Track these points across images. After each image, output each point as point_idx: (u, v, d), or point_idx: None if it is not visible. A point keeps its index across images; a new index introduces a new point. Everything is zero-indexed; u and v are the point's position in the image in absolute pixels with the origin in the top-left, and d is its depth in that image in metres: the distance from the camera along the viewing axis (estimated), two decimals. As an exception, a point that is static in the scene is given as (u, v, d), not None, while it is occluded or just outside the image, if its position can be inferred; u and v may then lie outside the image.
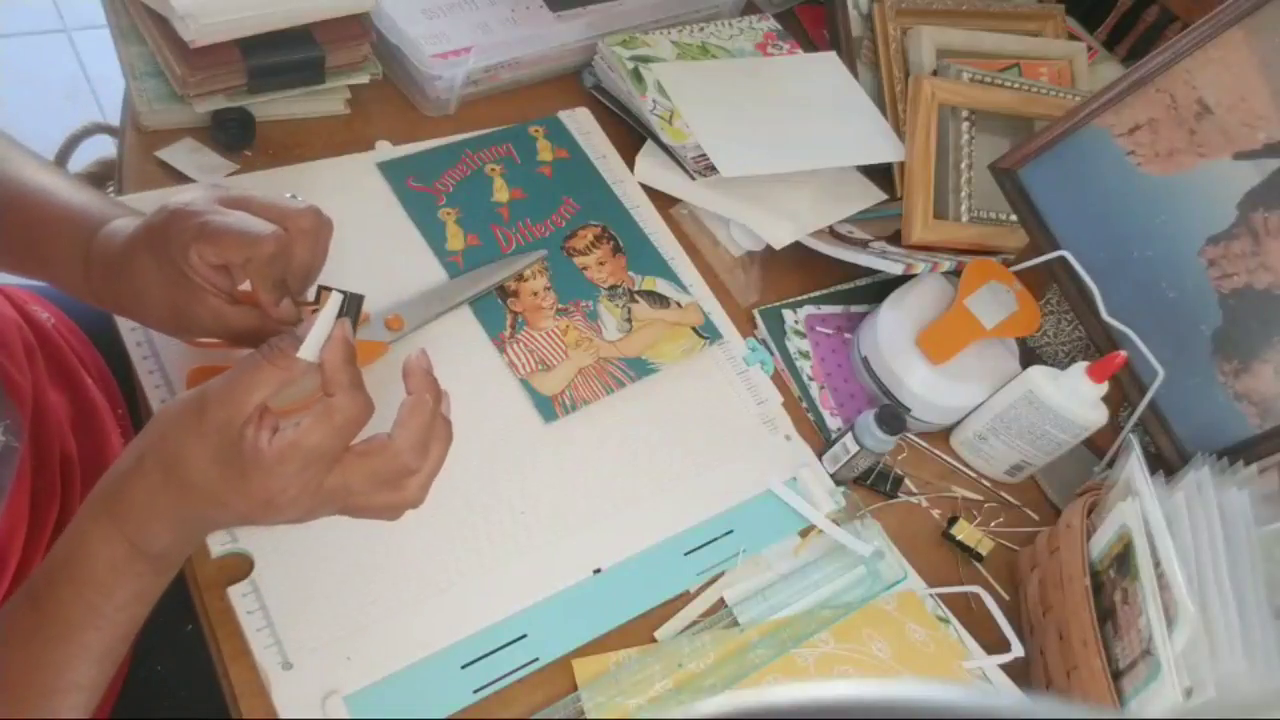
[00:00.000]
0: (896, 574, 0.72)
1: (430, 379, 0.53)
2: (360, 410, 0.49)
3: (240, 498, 0.47)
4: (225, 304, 0.54)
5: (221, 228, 0.51)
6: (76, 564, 0.49)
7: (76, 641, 0.49)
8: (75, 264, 0.56)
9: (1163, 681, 0.59)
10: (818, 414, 0.80)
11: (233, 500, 0.48)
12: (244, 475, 0.47)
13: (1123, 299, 0.79)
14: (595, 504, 0.69)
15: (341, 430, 0.49)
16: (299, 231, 0.53)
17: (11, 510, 0.57)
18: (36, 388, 0.63)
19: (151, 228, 0.53)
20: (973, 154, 0.91)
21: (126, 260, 0.54)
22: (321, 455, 0.48)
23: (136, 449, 0.49)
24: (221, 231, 0.51)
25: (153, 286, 0.54)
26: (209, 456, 0.47)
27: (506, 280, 0.77)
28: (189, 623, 0.60)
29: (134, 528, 0.48)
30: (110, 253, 0.55)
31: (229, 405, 0.47)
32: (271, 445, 0.47)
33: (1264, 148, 0.75)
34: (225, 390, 0.48)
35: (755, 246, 0.86)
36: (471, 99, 0.87)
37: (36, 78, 1.89)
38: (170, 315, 0.55)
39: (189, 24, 0.69)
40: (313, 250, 0.55)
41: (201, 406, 0.48)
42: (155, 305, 0.55)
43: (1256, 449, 0.76)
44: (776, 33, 0.99)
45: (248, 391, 0.47)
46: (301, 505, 0.49)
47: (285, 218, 0.53)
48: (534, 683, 0.62)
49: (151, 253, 0.53)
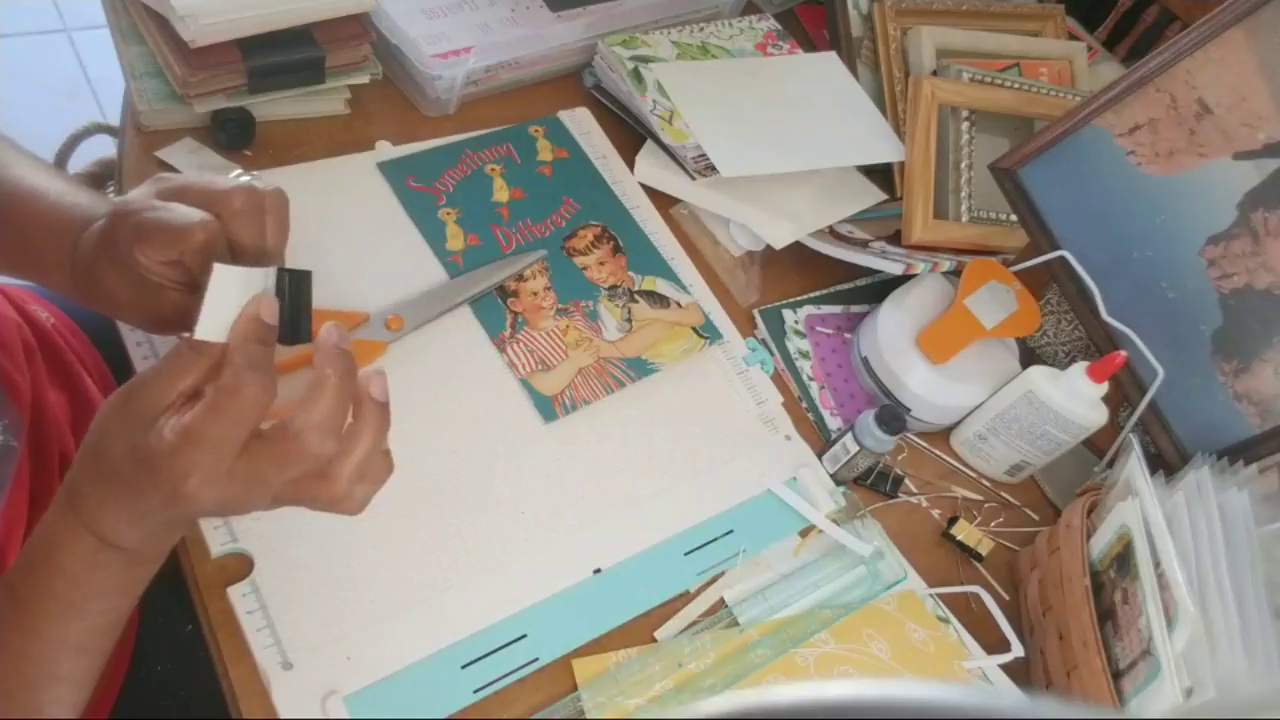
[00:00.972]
0: (896, 574, 0.72)
1: (339, 355, 0.48)
2: (256, 391, 0.46)
3: (152, 486, 0.46)
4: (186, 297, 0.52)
5: (153, 223, 0.49)
6: (46, 555, 0.48)
7: (53, 634, 0.49)
8: (63, 267, 0.56)
9: (1163, 681, 0.59)
10: (818, 414, 0.80)
11: (148, 489, 0.46)
12: (149, 462, 0.45)
13: (1123, 299, 0.79)
14: (595, 504, 0.69)
15: (234, 414, 0.45)
16: (232, 213, 0.51)
17: (10, 510, 0.57)
18: (36, 387, 0.63)
19: (104, 231, 0.52)
20: (973, 154, 0.91)
21: (94, 264, 0.53)
22: (218, 440, 0.45)
23: (86, 437, 0.48)
24: (153, 227, 0.49)
25: (119, 289, 0.53)
26: (126, 444, 0.46)
27: (506, 280, 0.77)
28: (189, 623, 0.61)
29: (88, 516, 0.47)
30: (84, 257, 0.54)
31: (153, 392, 0.46)
32: (170, 430, 0.45)
33: (1264, 148, 0.75)
34: (152, 375, 0.47)
35: (755, 246, 0.86)
36: (471, 99, 0.87)
37: (36, 78, 1.89)
38: (144, 314, 0.54)
39: (189, 24, 0.69)
40: (256, 229, 0.51)
41: (129, 395, 0.47)
42: (127, 306, 0.54)
43: (1256, 449, 0.76)
44: (776, 33, 0.99)
45: (169, 379, 0.46)
46: (214, 493, 0.46)
47: (215, 202, 0.50)
48: (534, 683, 0.62)
49: (108, 256, 0.52)
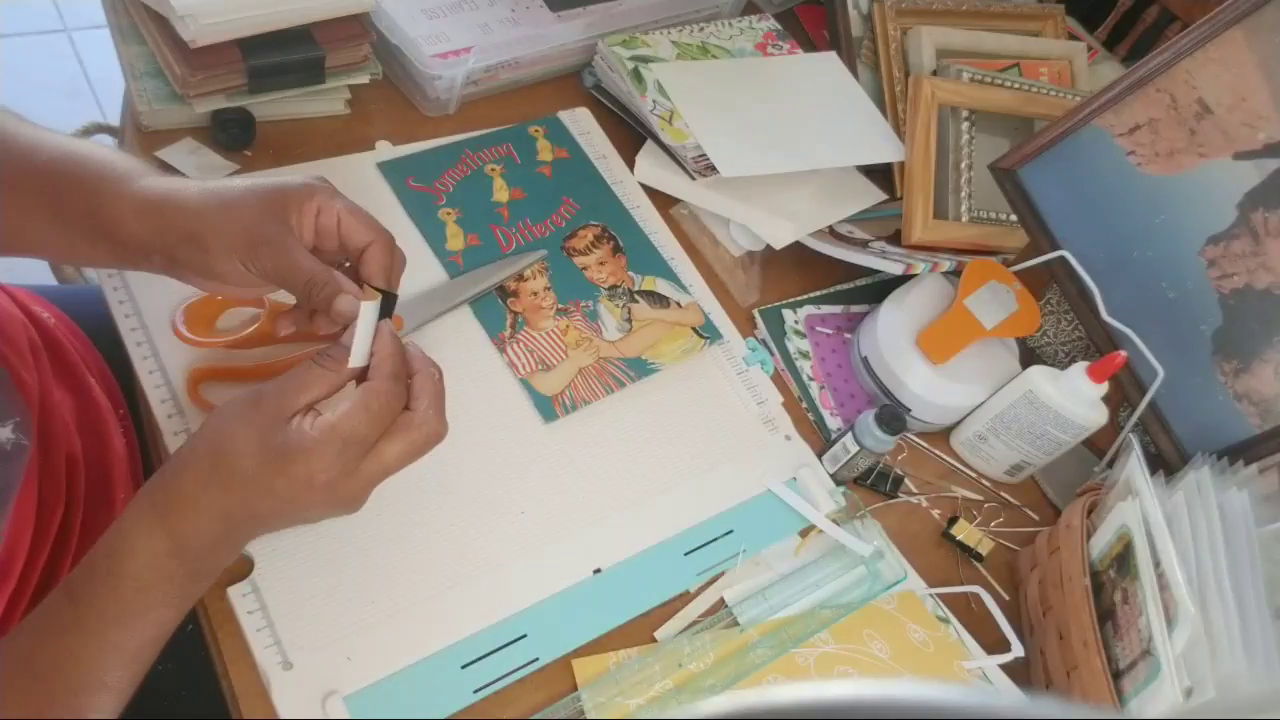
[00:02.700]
0: (896, 574, 0.72)
1: (428, 360, 0.56)
2: (397, 400, 0.52)
3: (284, 480, 0.49)
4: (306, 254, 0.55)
5: (356, 211, 0.56)
6: (117, 559, 0.50)
7: (109, 638, 0.50)
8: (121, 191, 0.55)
9: (1163, 681, 0.59)
10: (818, 414, 0.80)
11: (277, 483, 0.49)
12: (285, 456, 0.49)
13: (1123, 299, 0.79)
14: (595, 504, 0.69)
15: (378, 416, 0.51)
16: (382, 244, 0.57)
17: (19, 509, 0.57)
18: (43, 387, 0.63)
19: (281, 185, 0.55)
20: (973, 154, 0.91)
21: (221, 191, 0.55)
22: (359, 439, 0.50)
23: (190, 444, 0.51)
24: (357, 214, 0.56)
25: (248, 212, 0.54)
26: (256, 442, 0.49)
27: (506, 280, 0.77)
28: (189, 623, 0.60)
29: (177, 519, 0.49)
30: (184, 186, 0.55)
31: (282, 399, 0.50)
32: (312, 427, 0.49)
33: (1264, 148, 0.75)
34: (280, 386, 0.51)
35: (755, 246, 0.86)
36: (471, 99, 0.87)
37: (36, 78, 1.89)
38: (244, 239, 0.54)
39: (189, 24, 0.69)
40: (388, 265, 0.57)
41: (257, 400, 0.50)
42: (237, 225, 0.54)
43: (1256, 449, 0.76)
44: (776, 33, 0.99)
45: (300, 389, 0.51)
46: (341, 489, 0.51)
47: (372, 227, 0.57)
48: (534, 683, 0.62)
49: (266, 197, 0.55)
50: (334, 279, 0.54)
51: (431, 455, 0.67)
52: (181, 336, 0.64)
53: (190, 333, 0.65)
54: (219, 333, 0.66)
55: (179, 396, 0.64)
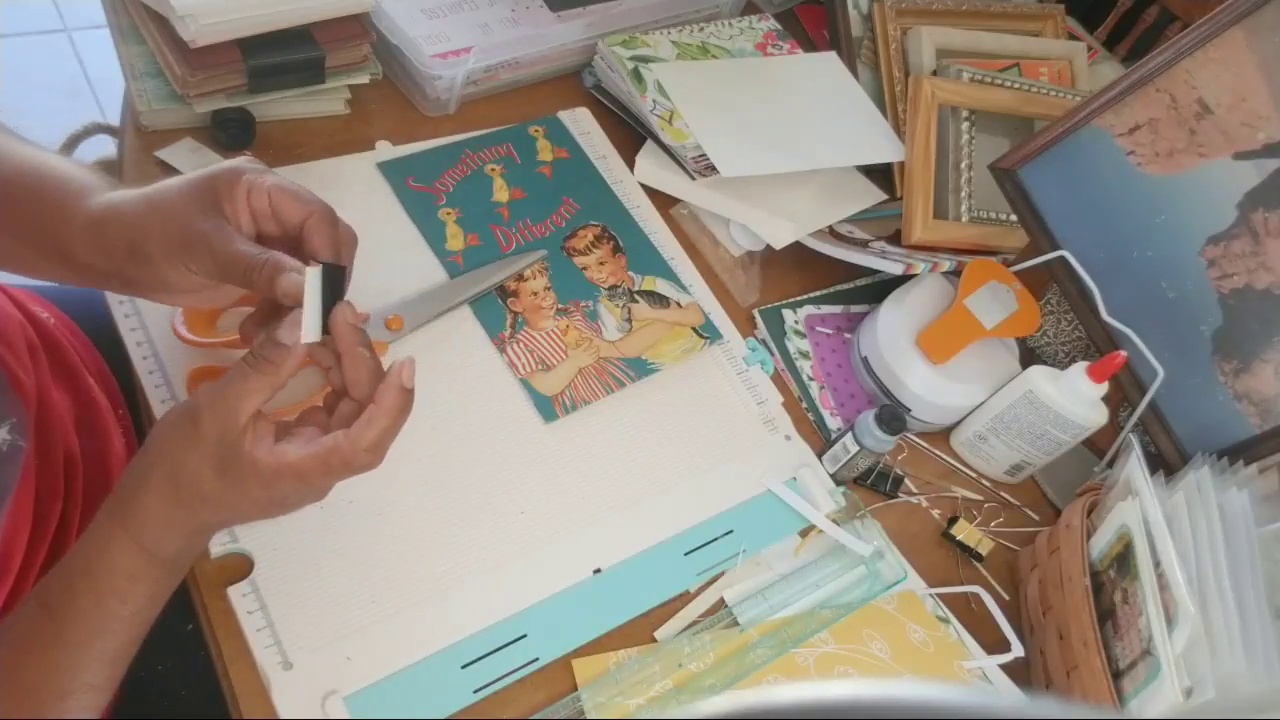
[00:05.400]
0: (896, 574, 0.72)
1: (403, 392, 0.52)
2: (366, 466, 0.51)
3: (247, 502, 0.51)
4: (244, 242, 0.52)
5: (283, 186, 0.53)
6: (95, 574, 0.50)
7: (94, 648, 0.50)
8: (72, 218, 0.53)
9: (1163, 681, 0.59)
10: (818, 414, 0.80)
11: (242, 504, 0.51)
12: (244, 482, 0.49)
13: (1123, 299, 0.79)
14: (595, 504, 0.69)
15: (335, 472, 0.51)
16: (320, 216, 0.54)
17: (15, 509, 0.57)
18: (40, 386, 0.63)
19: (202, 182, 0.53)
20: (973, 154, 0.91)
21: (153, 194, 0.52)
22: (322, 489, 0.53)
23: (142, 464, 0.50)
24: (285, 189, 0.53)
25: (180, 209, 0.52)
26: (212, 468, 0.49)
27: (506, 280, 0.77)
28: (189, 623, 0.61)
29: (150, 538, 0.50)
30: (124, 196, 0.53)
31: (223, 417, 0.49)
32: (270, 458, 0.49)
33: (1264, 148, 0.75)
34: (218, 401, 0.49)
35: (755, 246, 0.86)
36: (471, 99, 0.87)
37: (36, 78, 1.89)
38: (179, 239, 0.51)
39: (189, 24, 0.69)
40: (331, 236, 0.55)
41: (195, 418, 0.49)
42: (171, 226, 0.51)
43: (1256, 449, 0.76)
44: (776, 33, 0.99)
45: (238, 400, 0.49)
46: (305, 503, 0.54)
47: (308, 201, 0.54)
48: (534, 683, 0.62)
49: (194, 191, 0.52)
50: (272, 257, 0.50)
51: (432, 455, 0.67)
52: (181, 337, 0.64)
53: (190, 333, 0.65)
54: (219, 333, 0.66)
55: (179, 397, 0.64)
